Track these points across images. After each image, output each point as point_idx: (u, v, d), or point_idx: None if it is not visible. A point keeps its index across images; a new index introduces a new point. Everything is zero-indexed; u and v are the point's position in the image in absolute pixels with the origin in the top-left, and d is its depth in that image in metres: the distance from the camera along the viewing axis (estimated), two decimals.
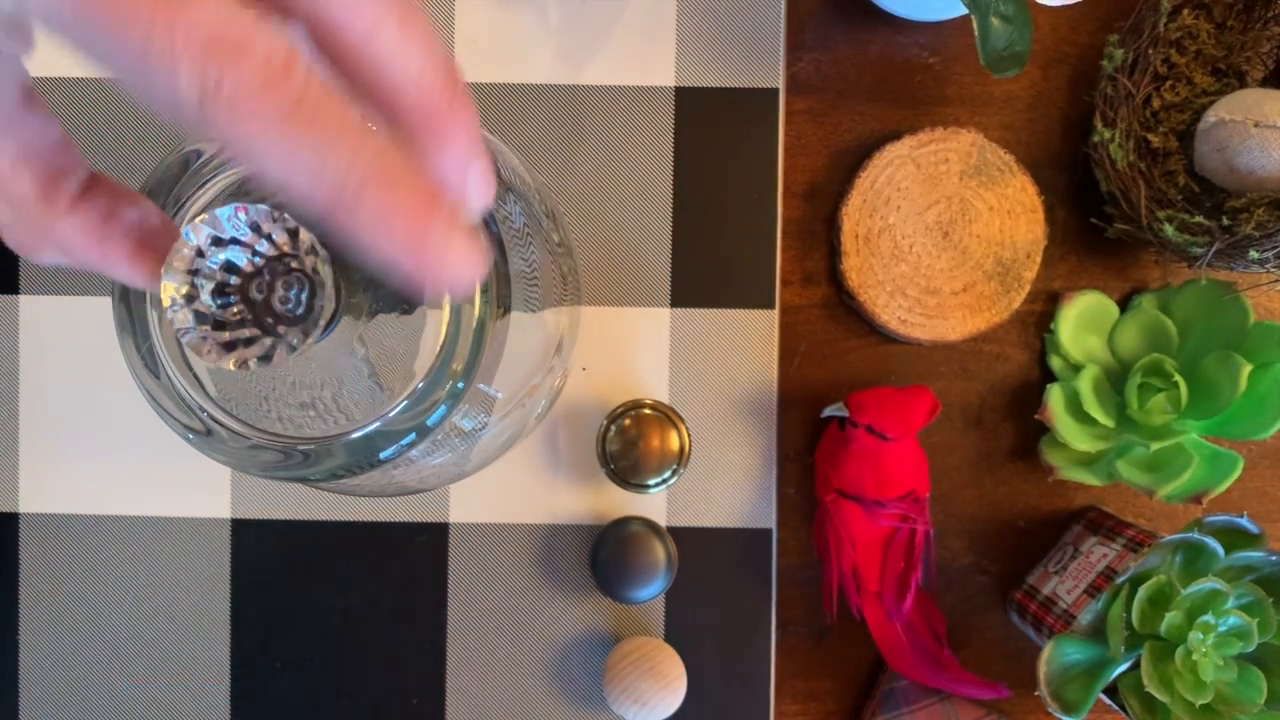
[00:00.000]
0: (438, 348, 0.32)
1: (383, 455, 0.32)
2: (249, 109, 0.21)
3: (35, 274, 0.63)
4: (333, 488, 0.37)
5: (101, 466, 0.64)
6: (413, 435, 0.32)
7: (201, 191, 0.31)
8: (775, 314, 0.63)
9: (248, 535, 0.64)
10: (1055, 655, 0.55)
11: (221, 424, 0.32)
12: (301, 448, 0.32)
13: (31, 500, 0.64)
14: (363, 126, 0.22)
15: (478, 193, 0.26)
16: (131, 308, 0.31)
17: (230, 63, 0.21)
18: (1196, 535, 0.54)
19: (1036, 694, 0.54)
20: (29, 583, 0.64)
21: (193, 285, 0.29)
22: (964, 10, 0.54)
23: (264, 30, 0.21)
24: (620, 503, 0.63)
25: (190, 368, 0.32)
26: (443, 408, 0.32)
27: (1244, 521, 0.54)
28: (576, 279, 0.47)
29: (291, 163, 0.21)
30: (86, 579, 0.64)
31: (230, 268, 0.29)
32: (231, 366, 0.30)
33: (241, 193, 0.31)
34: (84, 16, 0.20)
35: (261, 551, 0.64)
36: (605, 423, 0.59)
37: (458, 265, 0.23)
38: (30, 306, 0.63)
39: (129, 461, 0.64)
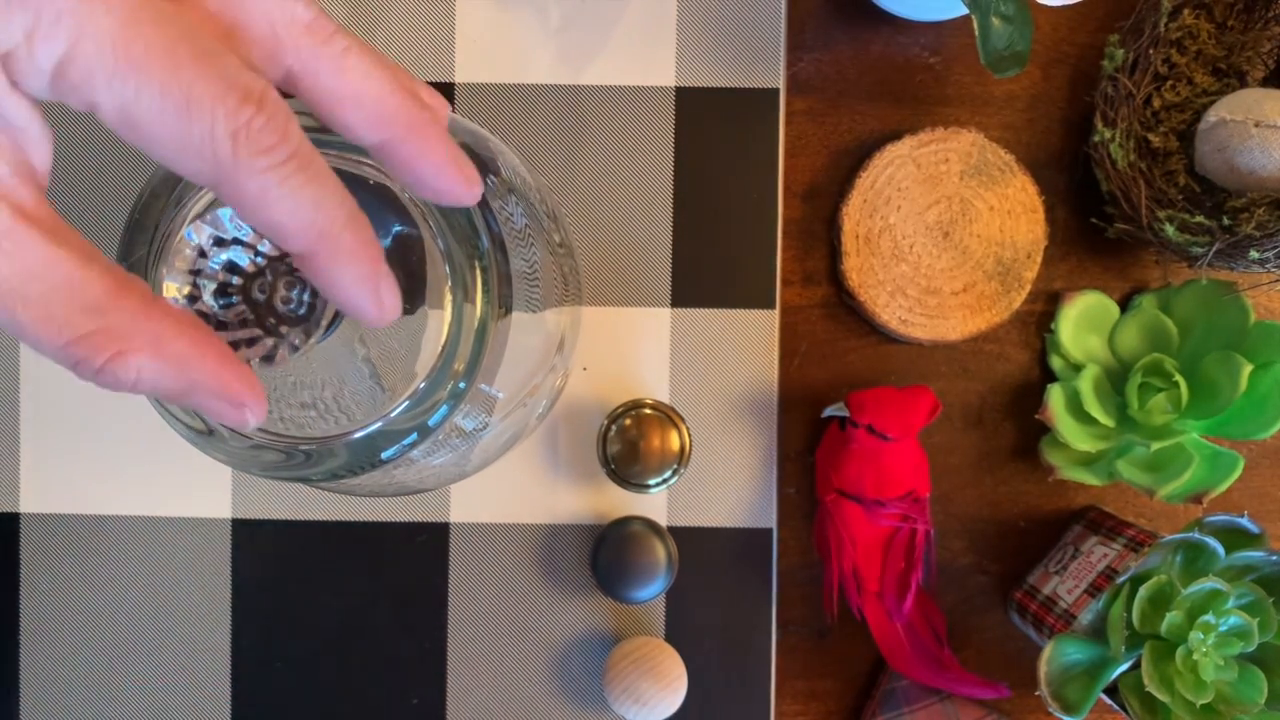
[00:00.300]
0: (439, 348, 0.32)
1: (384, 455, 0.32)
2: (268, 158, 0.24)
3: None
4: (334, 488, 0.37)
5: (101, 466, 0.64)
6: (414, 435, 0.32)
7: (203, 192, 0.31)
8: (775, 314, 0.63)
9: (248, 535, 0.64)
10: (1056, 655, 0.55)
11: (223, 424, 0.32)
12: (303, 448, 0.32)
13: (31, 500, 0.64)
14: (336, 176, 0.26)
15: (473, 184, 0.29)
16: None
17: (256, 113, 0.24)
18: (1197, 535, 0.54)
19: (1037, 694, 0.54)
20: (29, 583, 0.64)
21: (195, 285, 0.29)
22: (964, 10, 0.54)
23: (271, 88, 0.25)
24: (620, 503, 0.63)
25: None
26: (444, 408, 0.32)
27: (1244, 521, 0.54)
28: (578, 279, 0.47)
29: (295, 206, 0.25)
30: (86, 579, 0.64)
31: (232, 268, 0.29)
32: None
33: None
34: (134, 64, 0.23)
35: (261, 551, 0.64)
36: (605, 423, 0.59)
37: (395, 298, 0.28)
38: None
39: (129, 461, 0.64)
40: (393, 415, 0.32)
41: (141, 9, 0.23)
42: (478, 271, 0.32)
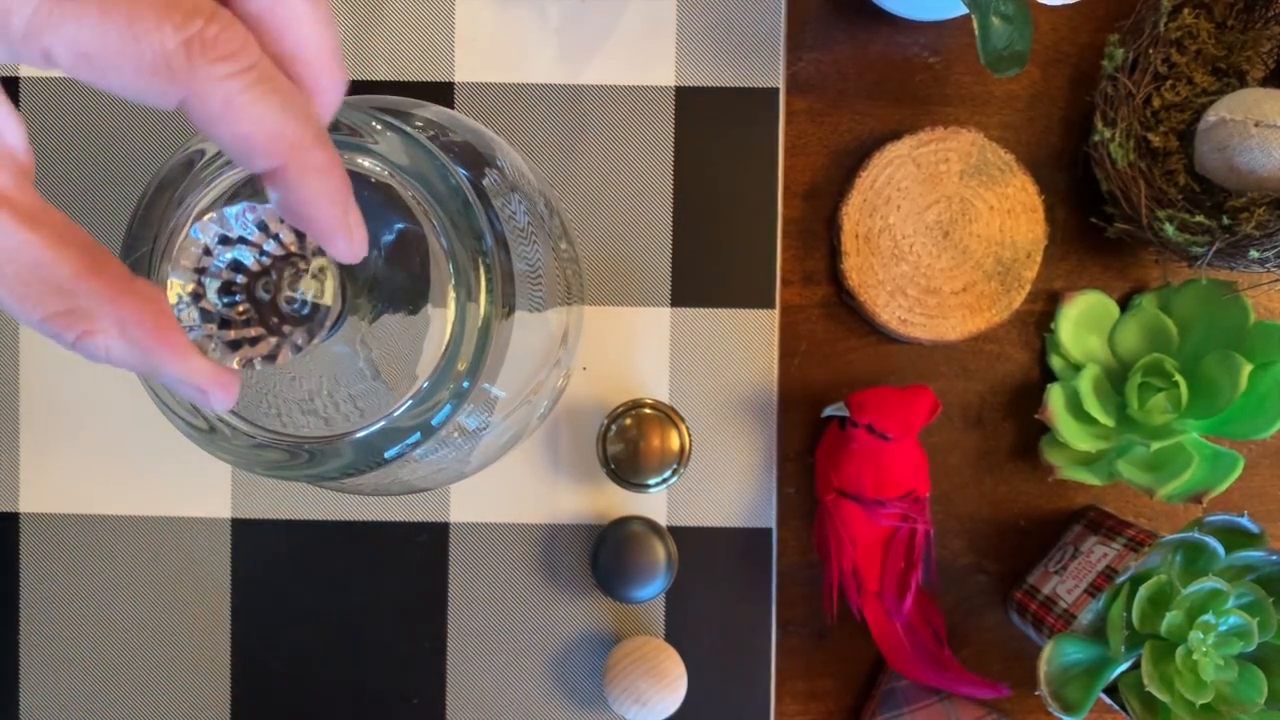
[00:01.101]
0: (442, 348, 0.32)
1: (388, 455, 0.32)
2: (228, 65, 0.25)
3: None
4: (336, 487, 0.37)
5: (102, 466, 0.64)
6: (417, 435, 0.32)
7: (205, 191, 0.31)
8: (775, 314, 0.63)
9: (248, 535, 0.64)
10: (1056, 655, 0.55)
11: (225, 422, 0.32)
12: (307, 447, 0.32)
13: (31, 500, 0.64)
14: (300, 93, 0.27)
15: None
16: None
17: (207, 24, 0.24)
18: (1197, 535, 0.54)
19: (1037, 694, 0.54)
20: (29, 583, 0.64)
21: (199, 284, 0.29)
22: (964, 10, 0.54)
23: (221, 9, 0.25)
24: (620, 502, 0.63)
25: None
26: (447, 407, 0.32)
27: (1244, 521, 0.54)
28: (580, 278, 0.47)
29: (262, 115, 0.25)
30: (86, 579, 0.64)
31: (237, 267, 0.29)
32: (236, 365, 0.30)
33: (248, 192, 0.31)
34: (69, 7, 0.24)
35: (261, 551, 0.64)
36: (606, 422, 0.59)
37: (363, 231, 0.28)
38: None
39: (130, 461, 0.64)
40: (396, 415, 0.32)
41: None
42: (481, 270, 0.32)
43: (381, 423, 0.31)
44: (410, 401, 0.31)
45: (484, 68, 0.63)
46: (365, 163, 0.32)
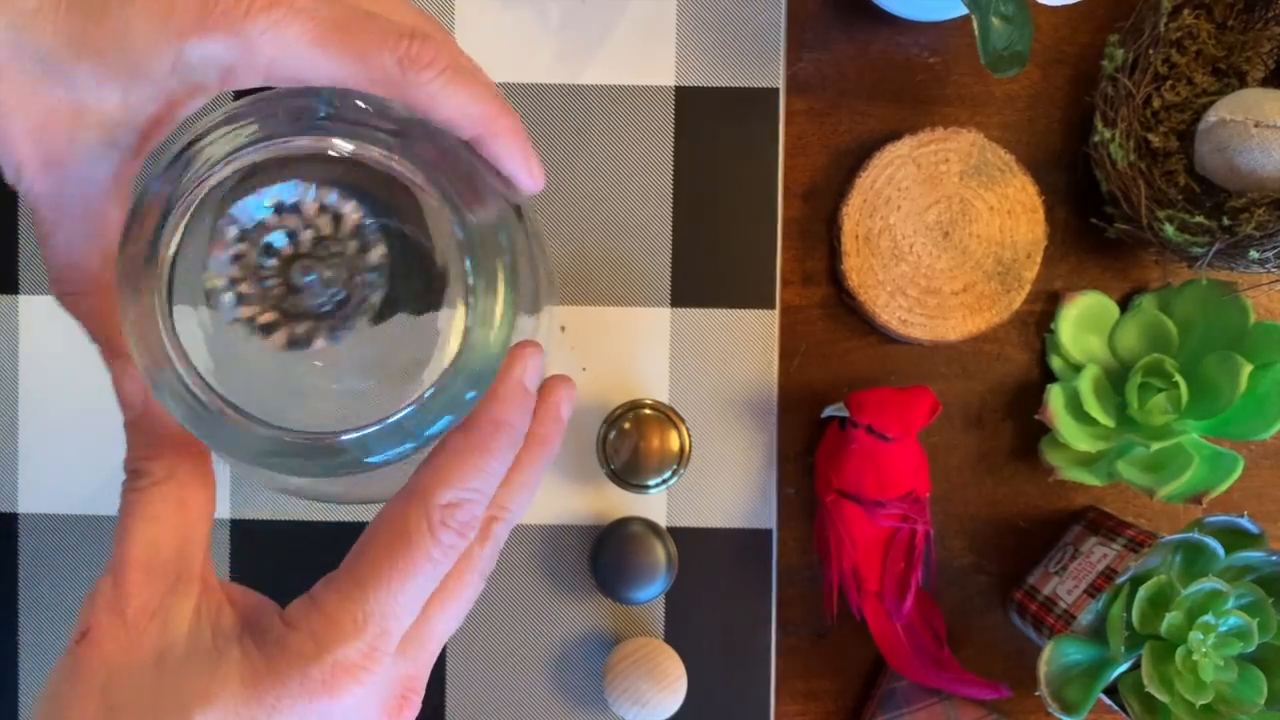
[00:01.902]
0: (448, 355, 0.32)
1: (380, 458, 0.32)
2: (430, 70, 0.32)
3: (35, 274, 0.63)
4: (323, 493, 0.37)
5: (101, 466, 0.64)
6: (410, 444, 0.32)
7: (202, 187, 0.31)
8: (775, 314, 0.63)
9: (248, 535, 0.64)
10: (1056, 655, 0.55)
11: (223, 411, 0.32)
12: (298, 440, 0.32)
13: (31, 500, 0.64)
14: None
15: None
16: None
17: (411, 43, 0.32)
18: (1197, 535, 0.54)
19: (1037, 694, 0.54)
20: (29, 583, 0.64)
21: (238, 266, 0.30)
22: (964, 10, 0.54)
23: (421, 26, 0.35)
24: (620, 503, 0.63)
25: (186, 355, 0.32)
26: (448, 418, 0.32)
27: (1244, 521, 0.54)
28: (553, 282, 0.47)
29: (459, 102, 0.33)
30: (86, 579, 0.64)
31: (272, 251, 0.30)
32: (277, 347, 0.30)
33: (260, 182, 0.31)
34: (319, 43, 0.32)
35: (261, 551, 0.64)
36: (605, 423, 0.59)
37: (541, 171, 0.37)
38: (30, 307, 0.63)
39: None
40: (398, 418, 0.32)
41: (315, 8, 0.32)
42: (500, 273, 0.32)
43: (376, 426, 0.31)
44: (412, 407, 0.32)
45: (484, 67, 0.63)
46: (379, 158, 0.32)
